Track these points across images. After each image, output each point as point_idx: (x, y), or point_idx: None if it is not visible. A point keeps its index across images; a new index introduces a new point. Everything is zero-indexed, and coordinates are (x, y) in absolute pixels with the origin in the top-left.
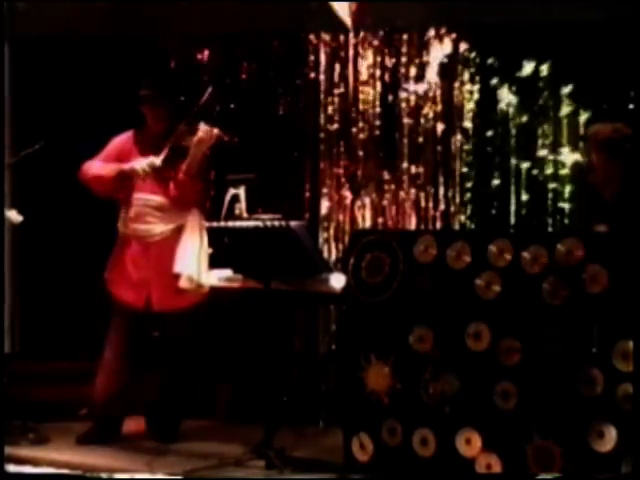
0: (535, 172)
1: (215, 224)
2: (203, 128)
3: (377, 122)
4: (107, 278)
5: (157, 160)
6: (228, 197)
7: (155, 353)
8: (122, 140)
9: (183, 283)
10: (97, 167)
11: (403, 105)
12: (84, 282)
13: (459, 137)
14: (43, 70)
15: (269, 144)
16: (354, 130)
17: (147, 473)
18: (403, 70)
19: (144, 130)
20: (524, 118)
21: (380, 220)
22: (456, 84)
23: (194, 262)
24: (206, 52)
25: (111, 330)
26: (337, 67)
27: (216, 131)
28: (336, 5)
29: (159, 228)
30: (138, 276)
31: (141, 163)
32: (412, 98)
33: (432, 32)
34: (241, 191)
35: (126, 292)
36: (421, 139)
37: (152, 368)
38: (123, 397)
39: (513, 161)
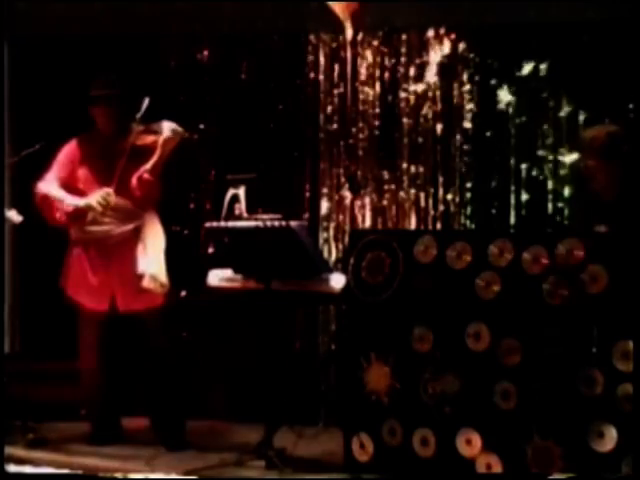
0: (535, 172)
1: (215, 224)
2: (171, 127)
3: (377, 122)
4: (64, 285)
5: (110, 189)
6: (228, 197)
7: (134, 355)
8: (72, 147)
9: (147, 283)
10: (52, 205)
11: (403, 105)
12: None
13: (459, 137)
14: (43, 70)
15: (269, 144)
16: (354, 130)
17: (148, 473)
18: (402, 70)
19: (92, 134)
20: (523, 118)
21: (380, 220)
22: (455, 84)
23: (156, 262)
24: (206, 52)
25: (81, 335)
26: (337, 67)
27: (180, 130)
28: (336, 8)
29: (118, 229)
30: (99, 280)
31: (96, 197)
32: (412, 98)
33: (431, 32)
34: (241, 191)
35: (88, 298)
36: (421, 139)
37: (135, 370)
38: (111, 398)
39: (513, 161)
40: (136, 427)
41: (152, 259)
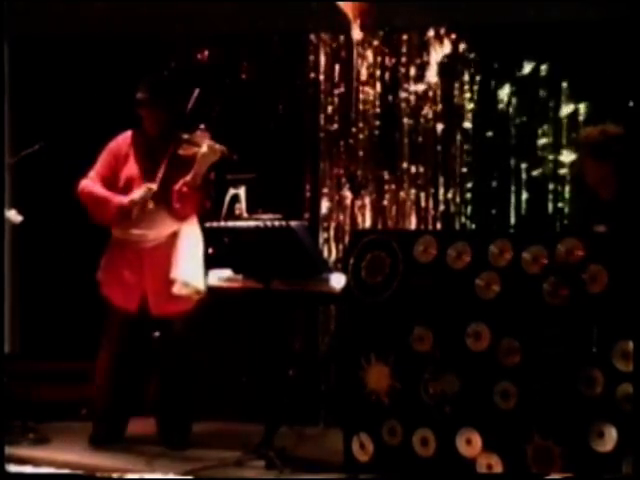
0: (535, 172)
1: (215, 224)
2: (208, 143)
3: (377, 122)
4: (100, 279)
5: (153, 185)
6: (228, 197)
7: (154, 355)
8: (118, 144)
9: (178, 289)
10: (98, 204)
11: (403, 105)
12: (84, 282)
13: (459, 137)
14: (43, 70)
15: (269, 144)
16: (354, 130)
17: (148, 473)
18: (403, 70)
19: (141, 132)
20: (524, 118)
21: (380, 220)
22: (456, 84)
23: (190, 268)
24: (206, 52)
25: (106, 331)
26: (337, 67)
27: (219, 147)
28: (345, 8)
29: (153, 234)
30: (132, 280)
31: (139, 192)
32: (412, 98)
33: (432, 32)
34: (241, 191)
35: (119, 295)
36: (421, 139)
37: (153, 370)
38: (124, 398)
39: (513, 161)
40: (137, 427)
41: (186, 265)
